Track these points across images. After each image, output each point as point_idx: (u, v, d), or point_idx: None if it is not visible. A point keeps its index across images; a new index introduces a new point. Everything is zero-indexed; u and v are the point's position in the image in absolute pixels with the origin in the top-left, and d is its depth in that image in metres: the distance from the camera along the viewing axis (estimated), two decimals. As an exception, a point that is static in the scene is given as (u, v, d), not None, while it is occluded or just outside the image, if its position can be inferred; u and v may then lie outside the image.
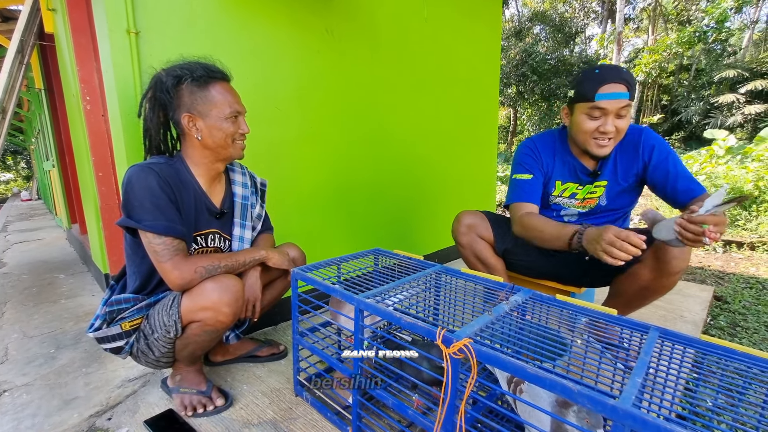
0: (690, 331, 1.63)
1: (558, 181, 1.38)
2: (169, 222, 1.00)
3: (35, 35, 2.91)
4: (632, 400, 0.56)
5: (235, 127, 1.10)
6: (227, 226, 1.22)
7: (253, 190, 1.31)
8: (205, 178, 1.15)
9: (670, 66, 14.02)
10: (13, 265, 3.06)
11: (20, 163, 20.43)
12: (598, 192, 1.34)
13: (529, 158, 1.38)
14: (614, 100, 1.15)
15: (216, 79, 1.09)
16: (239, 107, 1.11)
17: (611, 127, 1.17)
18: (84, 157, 2.04)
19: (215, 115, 1.07)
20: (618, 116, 1.18)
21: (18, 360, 1.49)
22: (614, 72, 1.16)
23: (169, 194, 1.02)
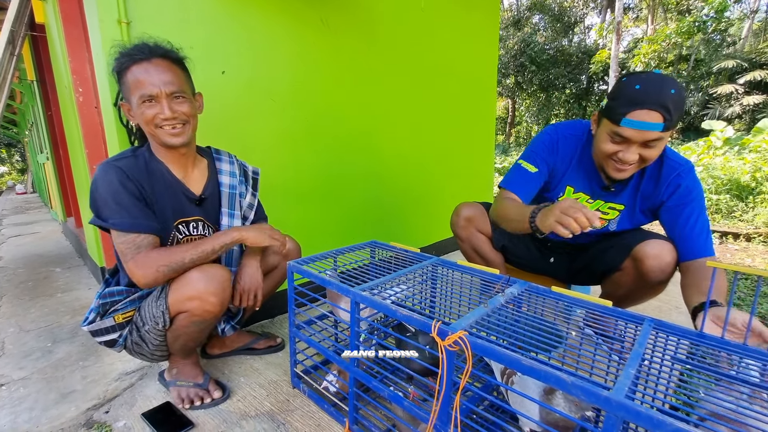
0: (685, 322, 1.64)
1: (570, 187, 1.24)
2: (132, 219, 0.98)
3: (26, 26, 2.86)
4: (625, 391, 0.56)
5: (151, 112, 1.00)
6: (211, 214, 1.19)
7: (242, 179, 1.28)
8: (175, 165, 1.11)
9: (669, 56, 13.94)
10: (9, 259, 3.04)
11: (14, 155, 20.24)
12: (612, 214, 1.22)
13: (545, 149, 1.23)
14: (641, 131, 0.97)
15: (134, 60, 0.99)
16: (152, 89, 0.98)
17: (633, 156, 1.01)
18: (78, 150, 2.02)
19: (133, 101, 1.01)
20: (645, 146, 1.01)
21: (15, 354, 1.49)
22: (655, 94, 0.95)
23: (132, 190, 1.00)
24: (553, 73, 16.54)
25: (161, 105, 1.00)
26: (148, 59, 0.99)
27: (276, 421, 1.07)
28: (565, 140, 1.22)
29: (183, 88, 1.04)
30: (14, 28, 2.69)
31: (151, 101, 1.00)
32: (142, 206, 1.01)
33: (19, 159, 19.97)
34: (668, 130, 0.98)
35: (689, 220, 1.08)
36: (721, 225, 3.82)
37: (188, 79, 1.09)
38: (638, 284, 1.17)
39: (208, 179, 1.19)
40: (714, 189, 4.37)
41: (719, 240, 3.48)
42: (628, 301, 1.26)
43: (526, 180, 1.23)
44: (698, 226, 1.07)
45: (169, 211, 1.09)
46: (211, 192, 1.19)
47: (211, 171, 1.21)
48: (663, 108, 0.95)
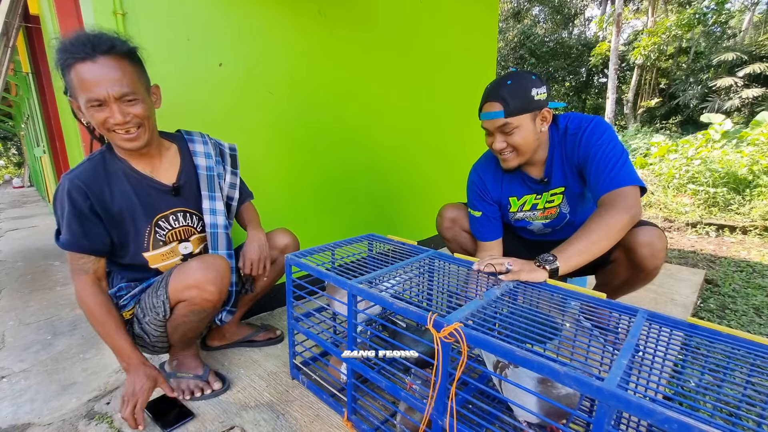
0: (680, 313, 1.66)
1: (512, 198, 1.31)
2: (72, 237, 0.97)
3: (20, 17, 2.83)
4: (617, 381, 0.57)
5: (101, 116, 0.92)
6: (191, 201, 1.15)
7: (219, 158, 1.22)
8: (138, 161, 1.06)
9: (669, 49, 13.87)
10: (7, 253, 3.05)
11: (11, 149, 20.13)
12: (557, 200, 1.26)
13: (474, 194, 1.36)
14: (489, 120, 1.13)
15: (77, 58, 0.88)
16: (98, 92, 0.89)
17: (499, 144, 1.14)
18: (74, 143, 2.02)
19: (82, 102, 0.92)
20: (503, 133, 1.12)
21: (15, 347, 1.50)
22: (494, 88, 1.11)
23: (78, 206, 0.96)
24: (552, 65, 16.46)
25: (111, 109, 0.92)
26: (92, 58, 0.89)
27: (275, 412, 1.08)
28: (484, 171, 1.35)
29: (134, 87, 0.94)
30: (8, 19, 2.66)
31: (99, 105, 0.92)
32: (85, 223, 0.98)
33: (16, 152, 19.86)
34: (511, 116, 1.09)
35: (594, 160, 1.09)
36: (717, 218, 3.83)
37: (140, 74, 0.99)
38: (632, 273, 1.18)
39: (182, 165, 1.14)
40: (711, 182, 4.38)
41: (716, 233, 3.49)
42: (624, 289, 1.28)
43: (482, 225, 1.35)
44: (602, 164, 1.07)
45: (138, 210, 1.06)
46: (187, 178, 1.14)
47: (184, 155, 1.16)
48: (500, 98, 1.09)
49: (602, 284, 1.31)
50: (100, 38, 0.91)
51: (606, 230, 0.98)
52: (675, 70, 14.44)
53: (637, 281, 1.21)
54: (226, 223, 1.19)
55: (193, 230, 1.17)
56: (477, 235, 1.38)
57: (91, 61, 0.89)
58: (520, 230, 1.42)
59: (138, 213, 1.06)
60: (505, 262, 0.97)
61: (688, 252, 2.93)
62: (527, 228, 1.37)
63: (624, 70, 16.21)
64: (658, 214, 4.23)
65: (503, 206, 1.35)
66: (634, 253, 1.13)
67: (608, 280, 1.27)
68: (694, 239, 3.39)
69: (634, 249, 1.12)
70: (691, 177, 4.66)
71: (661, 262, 1.14)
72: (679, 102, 13.55)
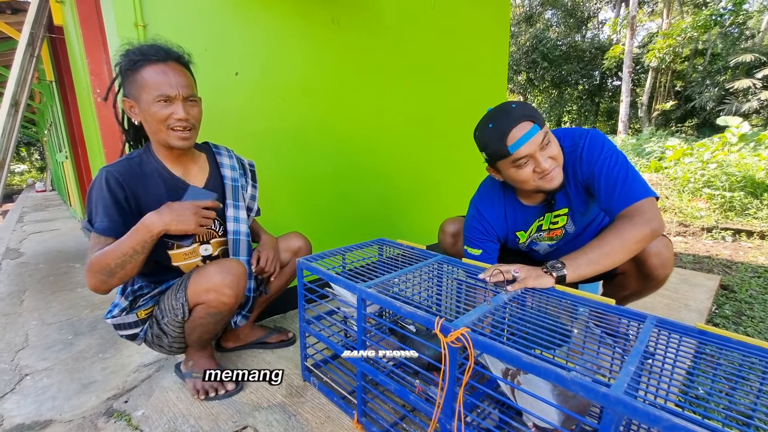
0: (694, 319, 1.63)
1: (520, 232, 1.27)
2: (110, 223, 1.01)
3: (45, 27, 2.94)
4: (624, 387, 0.58)
5: (165, 111, 1.02)
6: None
7: (242, 171, 1.31)
8: (173, 163, 1.14)
9: (685, 51, 13.63)
10: (30, 255, 3.15)
11: (34, 154, 20.76)
12: (561, 222, 1.23)
13: (477, 232, 1.28)
14: (529, 141, 1.01)
15: (150, 60, 1.01)
16: (170, 90, 1.01)
17: (546, 163, 1.04)
18: (96, 149, 2.09)
19: (144, 99, 1.02)
20: (543, 149, 1.04)
21: (38, 346, 1.56)
22: (509, 115, 1.02)
23: (117, 195, 1.02)
24: (565, 69, 16.31)
25: (176, 106, 1.03)
26: (164, 61, 1.02)
27: (287, 413, 1.10)
28: (487, 209, 1.27)
29: (194, 92, 1.08)
30: (33, 30, 2.77)
31: (167, 101, 1.02)
32: (119, 211, 1.03)
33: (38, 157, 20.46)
34: (543, 126, 1.03)
35: (601, 178, 1.05)
36: (734, 222, 3.75)
37: (196, 84, 1.13)
38: (642, 284, 1.17)
39: (210, 173, 1.22)
40: (728, 186, 4.29)
41: (732, 238, 3.42)
42: (631, 299, 1.27)
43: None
44: (611, 180, 1.04)
45: None
46: (213, 185, 1.21)
47: (212, 165, 1.24)
48: (524, 116, 1.01)
49: (609, 296, 1.30)
50: (170, 48, 1.06)
51: (620, 242, 0.95)
52: (691, 73, 14.17)
53: (645, 291, 1.21)
54: (247, 231, 1.26)
55: (214, 233, 1.22)
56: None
57: (163, 64, 1.02)
58: (525, 250, 1.39)
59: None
60: (512, 269, 0.97)
61: (703, 257, 2.88)
62: (533, 249, 1.36)
63: (638, 73, 15.97)
64: (673, 218, 4.16)
65: (510, 240, 1.30)
66: (644, 264, 1.12)
67: (616, 292, 1.26)
68: (709, 244, 3.32)
69: (644, 260, 1.11)
70: (707, 181, 4.57)
71: (670, 271, 1.14)
72: (695, 104, 13.29)
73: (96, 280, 0.98)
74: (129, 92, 1.05)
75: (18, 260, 2.99)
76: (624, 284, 1.22)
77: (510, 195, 1.25)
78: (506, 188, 1.26)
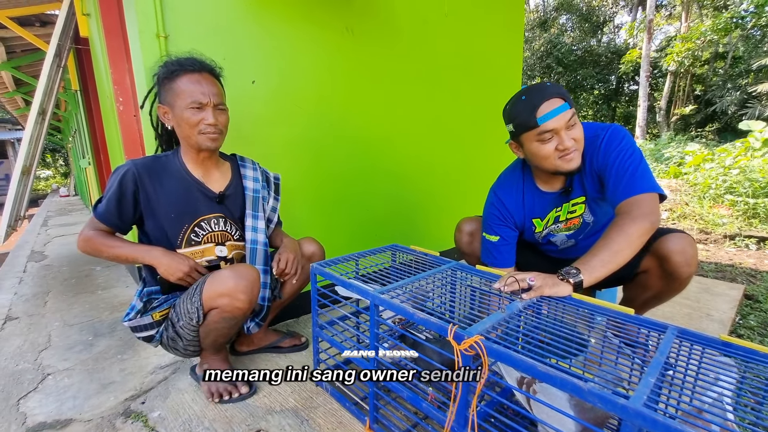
0: (716, 330, 1.58)
1: (536, 219, 1.30)
2: (107, 212, 1.12)
3: (71, 39, 3.07)
4: (644, 399, 0.56)
5: (197, 117, 1.11)
6: (233, 211, 1.27)
7: (265, 184, 1.37)
8: (197, 166, 1.21)
9: (705, 54, 13.32)
10: (54, 258, 3.25)
11: (58, 160, 21.48)
12: (579, 210, 1.24)
13: (495, 218, 1.31)
14: (557, 116, 1.06)
15: (186, 70, 1.11)
16: (202, 98, 1.10)
17: (568, 141, 1.08)
18: (118, 155, 2.15)
19: (179, 105, 1.11)
20: (569, 128, 1.08)
21: (60, 346, 1.60)
22: (543, 91, 1.08)
23: (124, 189, 1.12)
24: (581, 73, 16.12)
25: (207, 112, 1.12)
26: (199, 71, 1.13)
27: (300, 417, 1.11)
28: (505, 195, 1.30)
29: (223, 100, 1.18)
30: (60, 41, 2.89)
31: (199, 108, 1.11)
32: (123, 205, 1.13)
33: (63, 163, 21.15)
34: (572, 108, 1.08)
35: (612, 168, 1.09)
36: (759, 230, 3.63)
37: (225, 94, 1.21)
38: (665, 283, 1.14)
39: (231, 180, 1.28)
40: (751, 192, 4.16)
41: (757, 246, 3.31)
42: (653, 302, 1.24)
43: (497, 251, 1.31)
44: (620, 172, 1.07)
45: (181, 207, 1.18)
46: (233, 191, 1.27)
47: (235, 174, 1.30)
48: (557, 94, 1.07)
49: (630, 299, 1.27)
50: (204, 61, 1.16)
51: (626, 239, 0.97)
52: (711, 76, 13.83)
53: (668, 292, 1.18)
54: (265, 240, 1.30)
55: (230, 236, 1.26)
56: (491, 261, 1.31)
57: (198, 74, 1.12)
58: (543, 245, 1.40)
59: (180, 211, 1.18)
60: (527, 277, 0.96)
61: (726, 265, 2.79)
62: (551, 241, 1.36)
63: (656, 77, 15.68)
64: (693, 225, 4.04)
65: (527, 228, 1.32)
66: (668, 261, 1.09)
67: (638, 294, 1.23)
68: (732, 252, 3.21)
69: (668, 257, 1.09)
70: (729, 187, 4.44)
71: (695, 269, 1.11)
72: (716, 109, 12.95)
73: (83, 248, 1.14)
74: (164, 99, 1.14)
75: (42, 263, 3.09)
76: (646, 284, 1.19)
77: (528, 180, 1.28)
78: (525, 174, 1.29)
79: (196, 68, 1.12)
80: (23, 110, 6.73)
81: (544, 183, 1.25)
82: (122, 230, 1.18)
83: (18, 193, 3.30)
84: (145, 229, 1.18)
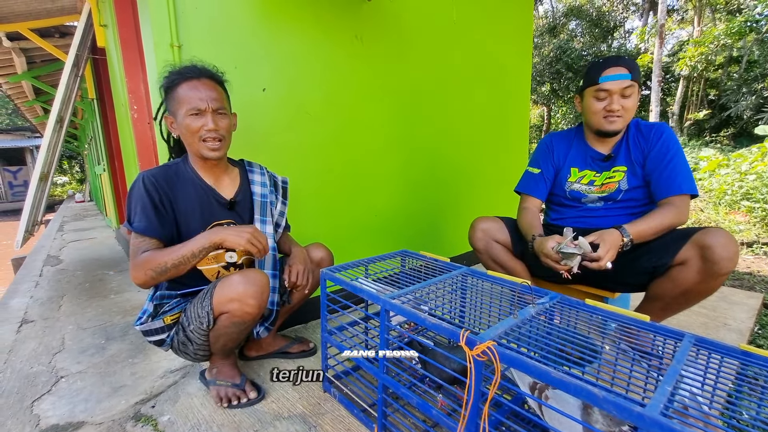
0: (734, 339, 1.54)
1: (574, 168, 1.45)
2: (148, 223, 1.09)
3: (89, 49, 3.15)
4: (660, 407, 0.55)
5: (197, 123, 1.11)
6: (243, 217, 1.28)
7: (273, 188, 1.37)
8: (207, 173, 1.22)
9: (718, 59, 13.13)
10: (69, 262, 3.31)
11: (74, 167, 21.96)
12: (617, 176, 1.38)
13: (542, 153, 1.51)
14: (617, 81, 1.26)
15: (185, 78, 1.12)
16: (200, 103, 1.10)
17: (617, 105, 1.28)
18: (132, 162, 2.20)
19: (180, 113, 1.12)
20: (623, 96, 1.28)
21: (73, 349, 1.63)
22: (615, 58, 1.28)
23: (153, 197, 1.10)
24: (590, 79, 15.98)
25: (206, 118, 1.11)
26: (197, 78, 1.12)
27: (308, 424, 1.10)
28: (558, 138, 1.52)
29: (224, 105, 1.17)
30: (79, 51, 2.97)
31: (197, 114, 1.11)
32: (159, 212, 1.11)
33: (79, 170, 21.61)
34: (635, 80, 1.27)
35: (669, 164, 1.27)
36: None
37: (228, 99, 1.21)
38: (701, 279, 1.11)
39: (240, 186, 1.29)
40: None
41: (777, 254, 3.21)
42: (678, 304, 1.21)
43: (534, 181, 1.51)
44: (675, 170, 1.26)
45: (197, 214, 1.18)
46: (242, 197, 1.28)
47: (243, 179, 1.31)
48: (625, 64, 1.27)
49: (654, 298, 1.24)
50: (203, 67, 1.15)
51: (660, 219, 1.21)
52: (725, 81, 13.61)
53: (699, 292, 1.15)
54: (274, 245, 1.30)
55: None
56: (526, 188, 1.51)
57: (196, 80, 1.12)
58: (570, 201, 1.47)
59: (196, 217, 1.18)
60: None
61: (744, 273, 2.71)
62: (580, 200, 1.45)
63: (668, 82, 15.48)
64: (710, 233, 3.95)
65: (562, 174, 1.48)
66: (711, 251, 1.08)
67: (666, 290, 1.20)
68: (750, 260, 3.13)
69: (711, 247, 1.08)
70: (745, 193, 4.34)
71: (734, 267, 1.09)
72: (731, 113, 12.72)
73: (146, 276, 1.04)
74: (169, 109, 1.16)
75: (57, 267, 3.15)
76: (679, 278, 1.16)
77: (580, 134, 1.48)
78: (578, 130, 1.49)
79: (195, 75, 1.12)
80: (42, 118, 6.92)
81: (592, 141, 1.43)
82: (167, 239, 1.13)
83: (36, 198, 3.38)
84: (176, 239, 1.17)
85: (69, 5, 3.18)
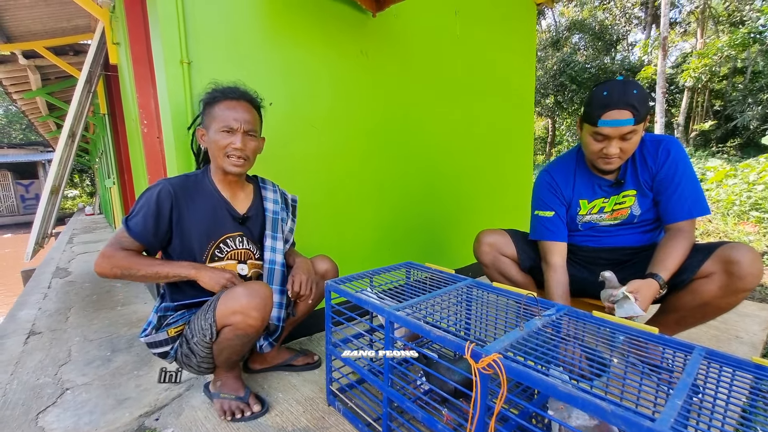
0: (747, 353, 1.50)
1: (583, 201, 1.37)
2: (143, 228, 1.12)
3: (101, 66, 3.24)
4: (671, 422, 0.54)
5: (226, 140, 1.17)
6: (254, 232, 1.32)
7: (284, 206, 1.41)
8: (225, 187, 1.27)
9: (723, 70, 13.13)
10: (77, 274, 3.34)
11: (85, 180, 22.31)
12: (628, 202, 1.32)
13: (547, 192, 1.38)
14: (616, 128, 1.14)
15: (226, 97, 1.19)
16: (234, 123, 1.17)
17: (614, 150, 1.17)
18: (141, 176, 2.23)
19: (213, 129, 1.18)
20: (623, 139, 1.17)
21: (79, 361, 1.63)
22: (620, 96, 1.12)
23: (161, 209, 1.14)
24: (594, 91, 16.04)
25: (236, 137, 1.18)
26: (237, 99, 1.20)
27: (312, 438, 1.09)
28: (557, 172, 1.40)
29: (256, 128, 1.24)
30: (92, 68, 3.05)
31: (228, 132, 1.17)
32: (159, 224, 1.14)
33: (89, 183, 21.94)
34: (639, 123, 1.14)
35: (678, 188, 1.21)
36: None
37: (261, 123, 1.28)
38: (722, 293, 1.10)
39: (253, 202, 1.33)
40: (779, 210, 4.01)
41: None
42: (694, 318, 1.20)
43: (552, 225, 1.38)
44: (684, 193, 1.21)
45: (207, 224, 1.21)
46: (254, 213, 1.32)
47: (256, 196, 1.35)
48: (630, 106, 1.11)
49: (670, 310, 1.22)
50: (245, 90, 1.24)
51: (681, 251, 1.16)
52: (730, 91, 13.58)
53: (718, 306, 1.14)
54: (283, 261, 1.33)
55: (251, 255, 1.30)
56: (548, 235, 1.37)
57: (236, 101, 1.20)
58: (584, 233, 1.41)
59: (209, 228, 1.21)
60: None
61: (757, 286, 2.66)
62: (594, 227, 1.38)
63: (673, 93, 15.48)
64: (720, 244, 3.89)
65: (571, 208, 1.39)
66: (738, 265, 1.07)
67: (684, 302, 1.18)
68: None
69: (738, 262, 1.07)
70: (754, 203, 4.29)
71: (758, 283, 1.09)
72: (737, 124, 12.65)
73: (112, 271, 1.09)
74: (204, 122, 1.22)
75: (66, 279, 3.18)
76: (700, 290, 1.14)
77: (582, 163, 1.38)
78: (579, 157, 1.39)
79: (235, 96, 1.20)
80: (54, 133, 7.08)
81: (595, 168, 1.33)
82: (153, 248, 1.18)
83: (46, 211, 3.43)
84: (170, 247, 1.21)
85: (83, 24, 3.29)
